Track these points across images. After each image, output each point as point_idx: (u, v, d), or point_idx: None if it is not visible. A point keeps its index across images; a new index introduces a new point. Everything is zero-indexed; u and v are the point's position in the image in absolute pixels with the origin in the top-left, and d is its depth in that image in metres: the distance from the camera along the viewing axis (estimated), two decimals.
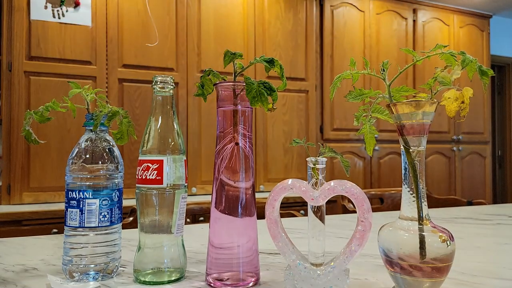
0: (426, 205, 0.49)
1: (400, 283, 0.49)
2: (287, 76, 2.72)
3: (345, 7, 3.05)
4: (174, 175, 0.58)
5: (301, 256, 0.53)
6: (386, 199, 1.58)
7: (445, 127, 3.42)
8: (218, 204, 0.56)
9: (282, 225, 0.54)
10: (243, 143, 0.56)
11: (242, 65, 0.58)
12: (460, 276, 0.60)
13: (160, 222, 0.57)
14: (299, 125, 2.83)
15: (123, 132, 0.63)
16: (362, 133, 0.57)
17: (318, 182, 0.51)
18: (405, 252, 0.48)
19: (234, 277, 0.55)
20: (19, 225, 1.90)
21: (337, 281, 0.51)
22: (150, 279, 0.56)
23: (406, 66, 0.51)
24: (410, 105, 0.48)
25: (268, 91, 0.53)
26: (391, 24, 3.22)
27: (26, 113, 0.62)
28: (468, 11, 3.57)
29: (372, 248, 0.64)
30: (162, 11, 2.41)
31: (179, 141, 0.59)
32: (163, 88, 0.59)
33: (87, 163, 0.58)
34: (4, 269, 0.64)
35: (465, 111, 0.48)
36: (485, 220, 1.15)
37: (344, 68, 2.91)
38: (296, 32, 2.83)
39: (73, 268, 0.57)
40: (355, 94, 0.55)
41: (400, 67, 0.51)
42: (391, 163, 3.18)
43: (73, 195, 0.57)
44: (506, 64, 4.52)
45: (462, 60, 0.48)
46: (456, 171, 3.46)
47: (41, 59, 2.17)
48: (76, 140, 2.16)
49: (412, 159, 0.49)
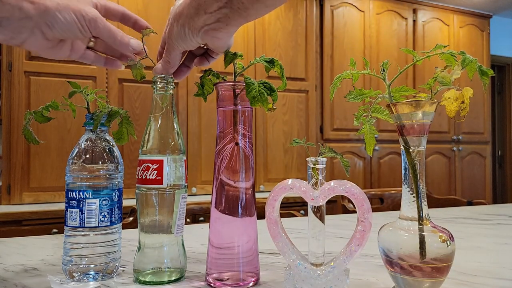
0: (426, 205, 0.49)
1: (400, 283, 0.49)
2: (287, 76, 2.72)
3: (345, 7, 3.05)
4: (174, 175, 0.58)
5: (301, 256, 0.53)
6: (386, 199, 1.58)
7: (445, 127, 3.42)
8: (218, 204, 0.56)
9: (282, 225, 0.54)
10: (243, 143, 0.56)
11: (242, 65, 0.58)
12: (460, 276, 0.60)
13: (160, 222, 0.57)
14: (299, 125, 2.83)
15: (123, 132, 0.63)
16: (362, 133, 0.57)
17: (318, 182, 0.51)
18: (405, 252, 0.48)
19: (234, 277, 0.55)
20: (19, 225, 1.90)
21: (337, 281, 0.51)
22: (150, 279, 0.56)
23: (406, 66, 0.51)
24: (410, 105, 0.48)
25: (268, 91, 0.53)
26: (391, 24, 3.22)
27: (26, 113, 0.62)
28: (468, 11, 3.57)
29: (372, 248, 0.64)
30: (162, 11, 2.41)
31: (179, 141, 0.59)
32: (163, 88, 0.59)
33: (87, 163, 0.58)
34: (4, 269, 0.64)
35: (465, 111, 0.48)
36: (485, 220, 1.15)
37: (344, 68, 2.91)
38: (296, 32, 2.83)
39: (73, 268, 0.57)
40: (355, 94, 0.55)
41: (400, 67, 0.51)
42: (391, 163, 3.18)
43: (73, 195, 0.57)
44: (506, 64, 4.52)
45: (462, 60, 0.48)
46: (456, 171, 3.46)
47: (41, 59, 2.17)
48: (76, 140, 2.15)
49: (412, 159, 0.49)
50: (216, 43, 0.53)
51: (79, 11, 0.50)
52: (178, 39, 0.53)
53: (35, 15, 0.47)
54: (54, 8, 0.47)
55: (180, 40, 0.53)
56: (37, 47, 0.50)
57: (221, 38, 0.52)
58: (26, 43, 0.49)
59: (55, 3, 0.48)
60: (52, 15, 0.48)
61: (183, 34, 0.52)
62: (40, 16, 0.47)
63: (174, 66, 0.58)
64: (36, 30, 0.48)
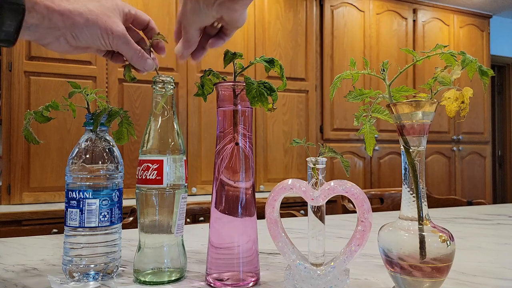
0: (426, 205, 0.49)
1: (400, 283, 0.49)
2: (287, 76, 2.72)
3: (345, 7, 3.05)
4: (174, 175, 0.58)
5: (301, 256, 0.53)
6: (386, 199, 1.58)
7: (445, 127, 3.42)
8: (218, 204, 0.56)
9: (282, 225, 0.54)
10: (243, 143, 0.56)
11: (242, 65, 0.58)
12: (460, 276, 0.60)
13: (160, 222, 0.57)
14: (299, 125, 2.83)
15: (123, 132, 0.63)
16: (362, 133, 0.57)
17: (318, 182, 0.51)
18: (405, 252, 0.48)
19: (234, 277, 0.55)
20: (19, 225, 1.90)
21: (337, 281, 0.51)
22: (150, 279, 0.56)
23: (406, 66, 0.51)
24: (410, 105, 0.48)
25: (268, 91, 0.53)
26: (391, 24, 3.22)
27: (26, 113, 0.62)
28: (468, 11, 3.57)
29: (372, 248, 0.64)
30: (162, 11, 2.41)
31: (179, 141, 0.59)
32: (163, 88, 0.59)
33: (87, 163, 0.58)
34: (4, 269, 0.64)
35: (465, 111, 0.48)
36: (485, 220, 1.15)
37: (344, 68, 2.91)
38: (296, 32, 2.83)
39: (73, 268, 0.57)
40: (355, 94, 0.55)
41: (400, 67, 0.51)
42: (391, 163, 3.18)
43: (73, 195, 0.57)
44: (506, 64, 4.52)
45: (462, 60, 0.48)
46: (456, 171, 3.46)
47: (41, 59, 2.17)
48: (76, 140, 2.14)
49: (412, 159, 0.49)
50: (232, 15, 0.52)
51: (106, 29, 0.51)
52: (193, 15, 0.53)
53: (63, 27, 0.49)
54: (82, 23, 0.49)
55: (196, 16, 0.53)
56: (61, 50, 0.52)
57: (237, 9, 0.51)
58: (50, 46, 0.51)
59: (84, 19, 0.49)
60: (79, 29, 0.49)
61: (198, 9, 0.52)
62: (67, 28, 0.49)
63: (193, 44, 0.57)
64: (61, 38, 0.50)
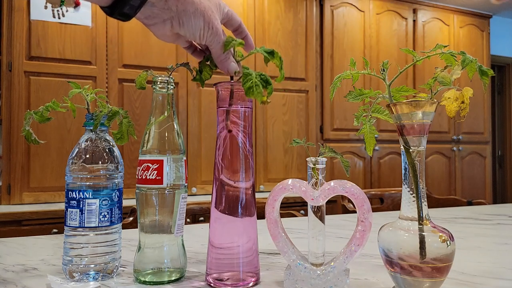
0: (426, 205, 0.49)
1: (400, 283, 0.49)
2: (287, 76, 2.72)
3: (345, 7, 3.05)
4: (174, 175, 0.58)
5: (301, 256, 0.53)
6: (386, 199, 1.58)
7: (445, 127, 3.42)
8: (218, 204, 0.56)
9: (282, 225, 0.54)
10: (243, 140, 0.56)
11: (241, 53, 0.58)
12: (460, 276, 0.60)
13: (160, 222, 0.57)
14: (299, 125, 2.83)
15: (123, 132, 0.63)
16: (362, 133, 0.57)
17: (318, 182, 0.51)
18: (405, 252, 0.48)
19: (234, 277, 0.55)
20: (19, 225, 1.90)
21: (337, 281, 0.51)
22: (150, 279, 0.56)
23: (406, 66, 0.51)
24: (410, 105, 0.48)
25: (264, 83, 0.52)
26: (391, 24, 3.22)
27: (26, 113, 0.62)
28: (468, 11, 3.57)
29: (372, 248, 0.64)
30: None
31: (179, 141, 0.59)
32: (163, 88, 0.59)
33: (87, 163, 0.58)
34: (4, 269, 0.64)
35: (465, 111, 0.48)
36: (485, 220, 1.15)
37: (344, 68, 2.91)
38: (296, 32, 2.83)
39: (73, 268, 0.57)
40: (355, 94, 0.55)
41: (400, 67, 0.51)
42: (391, 163, 3.18)
43: (73, 195, 0.57)
44: (506, 64, 4.52)
45: (462, 60, 0.48)
46: (456, 171, 3.46)
47: (41, 59, 2.17)
48: (76, 140, 2.14)
49: (412, 159, 0.49)
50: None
51: (209, 23, 0.54)
52: None
53: (175, 11, 0.51)
54: (191, 12, 0.52)
55: None
56: (160, 34, 0.54)
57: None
58: (154, 27, 0.53)
59: (194, 8, 0.52)
60: (187, 17, 0.52)
61: None
62: (178, 13, 0.51)
63: None
64: (167, 21, 0.52)
